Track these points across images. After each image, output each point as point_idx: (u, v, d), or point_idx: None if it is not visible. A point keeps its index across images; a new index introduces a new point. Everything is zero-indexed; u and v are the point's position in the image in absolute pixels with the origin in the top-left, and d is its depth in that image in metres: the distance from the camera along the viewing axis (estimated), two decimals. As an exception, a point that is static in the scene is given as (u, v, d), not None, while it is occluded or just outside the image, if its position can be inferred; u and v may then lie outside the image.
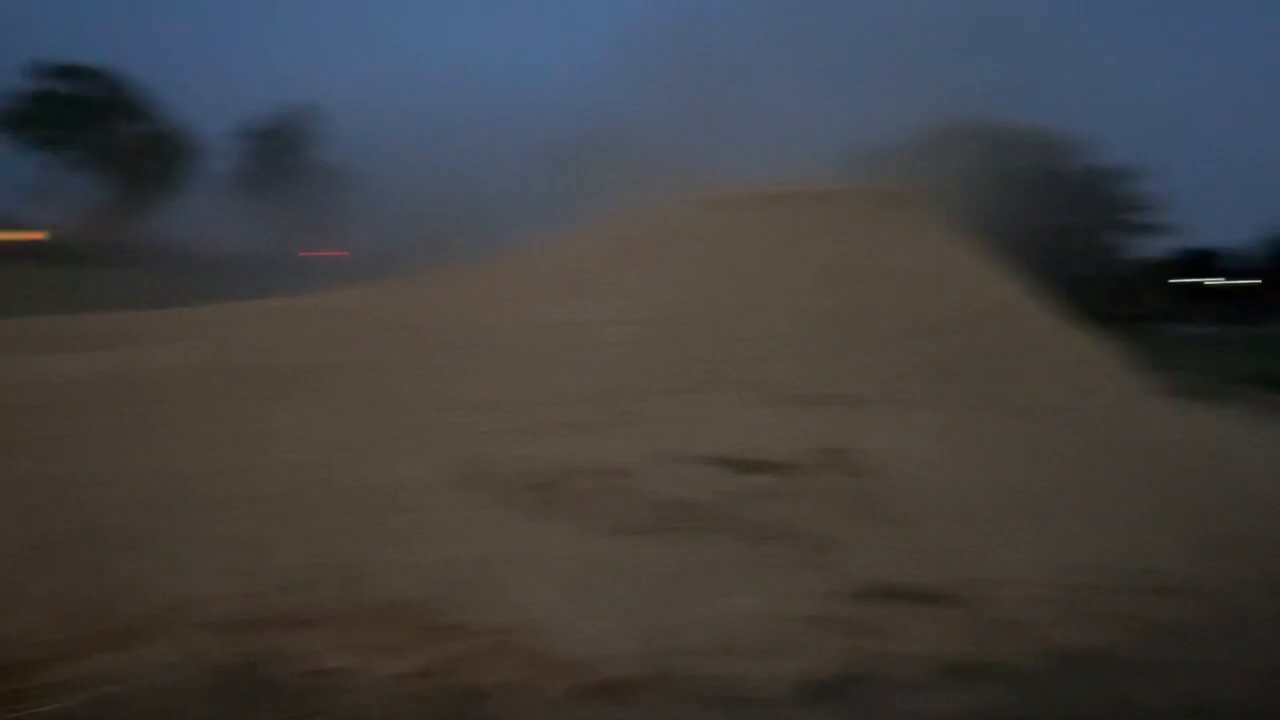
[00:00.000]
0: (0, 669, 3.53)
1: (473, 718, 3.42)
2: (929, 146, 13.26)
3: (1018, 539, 4.87)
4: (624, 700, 3.48)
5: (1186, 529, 5.00)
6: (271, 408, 5.22)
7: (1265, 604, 4.43)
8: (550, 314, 6.03)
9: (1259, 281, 33.89)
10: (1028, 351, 7.79)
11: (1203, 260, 34.50)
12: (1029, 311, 8.54)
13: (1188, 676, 3.79)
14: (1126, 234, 30.67)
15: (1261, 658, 3.99)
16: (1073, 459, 5.85)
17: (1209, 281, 34.75)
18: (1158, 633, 4.09)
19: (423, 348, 5.84)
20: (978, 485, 5.52)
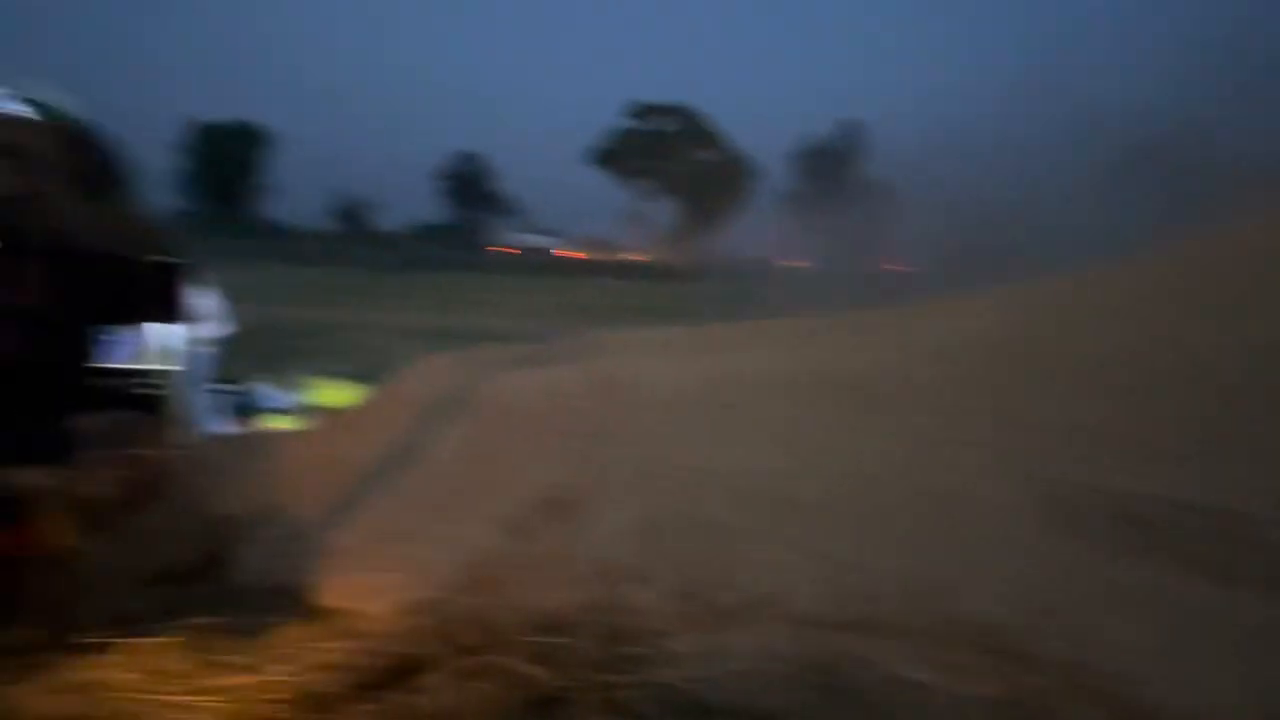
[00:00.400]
0: (628, 634, 4.10)
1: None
2: None
3: None
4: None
5: None
6: (853, 418, 5.42)
7: None
8: (1151, 333, 5.52)
9: None
10: None
11: None
12: None
13: None
14: None
15: None
16: None
17: None
18: None
19: (1000, 364, 5.69)
20: None
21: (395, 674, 3.72)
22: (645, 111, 76.37)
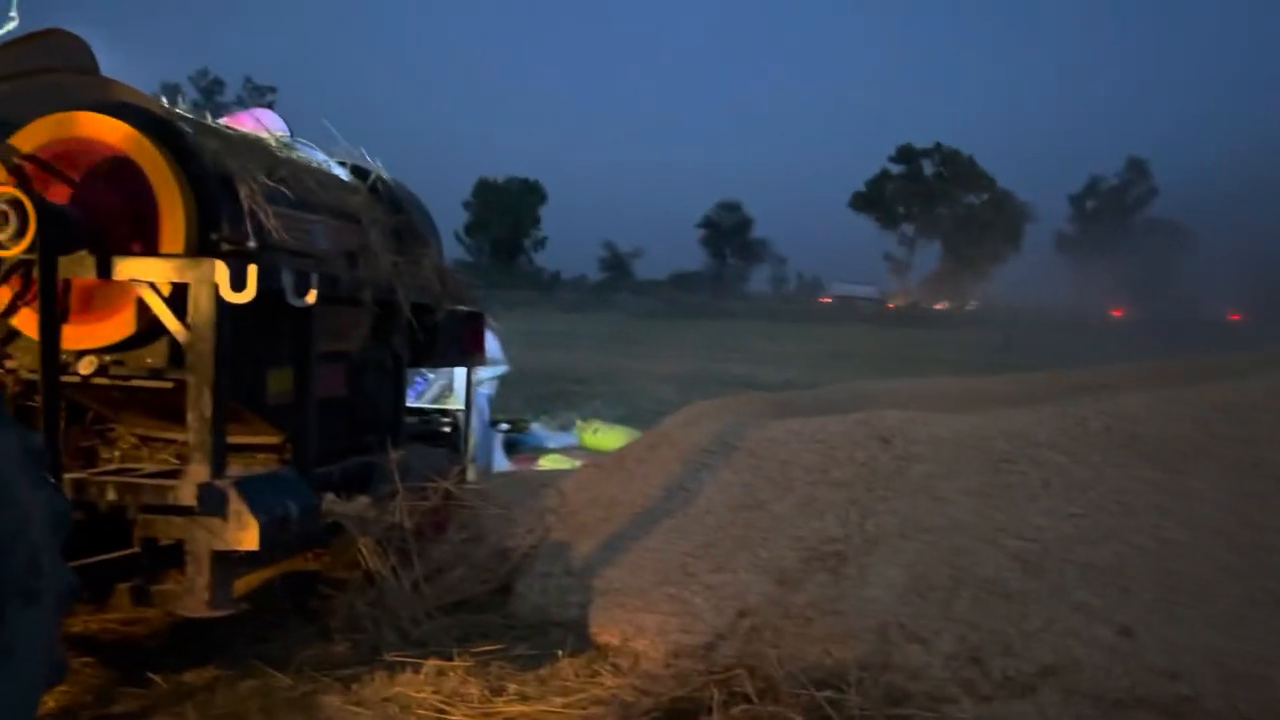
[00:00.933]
0: (904, 696, 3.96)
1: None
2: None
3: None
4: None
5: None
6: (1155, 477, 5.01)
7: None
8: None
9: None
10: None
11: None
12: None
13: None
14: None
15: None
16: None
17: None
18: None
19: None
20: None
21: (669, 715, 3.78)
22: (910, 155, 74.83)
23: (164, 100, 5.15)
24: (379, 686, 4.24)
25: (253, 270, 4.10)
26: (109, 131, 4.28)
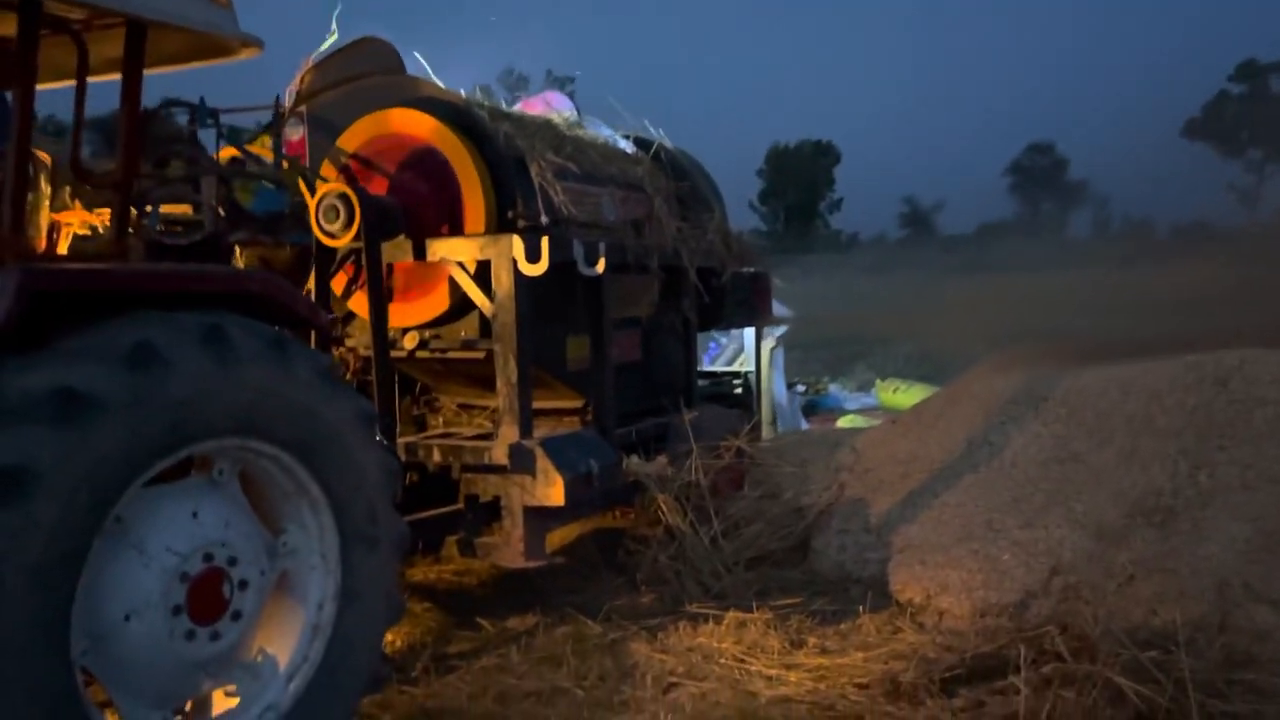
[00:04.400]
0: (1246, 659, 3.56)
1: None
2: None
3: None
4: None
5: None
6: None
7: None
8: None
9: None
10: None
11: None
12: None
13: None
14: None
15: None
16: None
17: None
18: None
19: None
20: None
21: (975, 672, 3.63)
22: (1253, 71, 66.32)
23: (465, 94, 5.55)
24: (683, 636, 4.38)
25: (545, 243, 4.35)
26: (416, 125, 4.69)
